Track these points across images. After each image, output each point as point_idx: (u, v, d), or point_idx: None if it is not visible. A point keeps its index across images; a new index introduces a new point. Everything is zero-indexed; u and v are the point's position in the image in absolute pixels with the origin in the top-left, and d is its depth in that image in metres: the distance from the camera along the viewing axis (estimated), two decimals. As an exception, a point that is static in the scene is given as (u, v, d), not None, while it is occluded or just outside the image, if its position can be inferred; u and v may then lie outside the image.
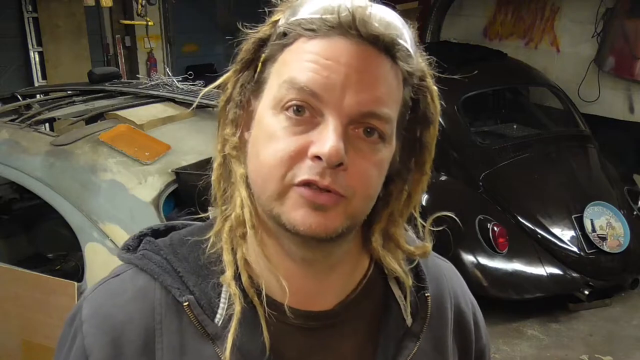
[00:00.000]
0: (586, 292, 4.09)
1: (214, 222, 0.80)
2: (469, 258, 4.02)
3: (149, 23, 5.73)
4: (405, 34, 0.72)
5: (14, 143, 2.69)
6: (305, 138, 0.69)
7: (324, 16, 0.70)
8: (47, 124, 3.61)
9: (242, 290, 0.74)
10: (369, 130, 0.70)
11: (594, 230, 4.19)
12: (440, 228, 0.86)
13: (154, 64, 6.49)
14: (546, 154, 4.65)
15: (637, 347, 3.84)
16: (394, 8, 0.74)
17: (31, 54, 5.78)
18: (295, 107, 0.69)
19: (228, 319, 0.74)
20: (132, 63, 6.49)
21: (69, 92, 3.67)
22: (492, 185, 4.43)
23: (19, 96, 3.79)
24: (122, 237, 2.19)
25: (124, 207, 2.38)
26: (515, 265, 4.08)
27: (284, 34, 0.72)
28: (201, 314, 0.74)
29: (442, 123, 4.63)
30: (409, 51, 0.72)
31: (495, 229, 4.06)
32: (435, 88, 0.78)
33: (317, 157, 0.68)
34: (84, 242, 2.31)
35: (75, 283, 2.21)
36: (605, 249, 4.15)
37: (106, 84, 3.52)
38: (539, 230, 4.19)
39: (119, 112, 2.87)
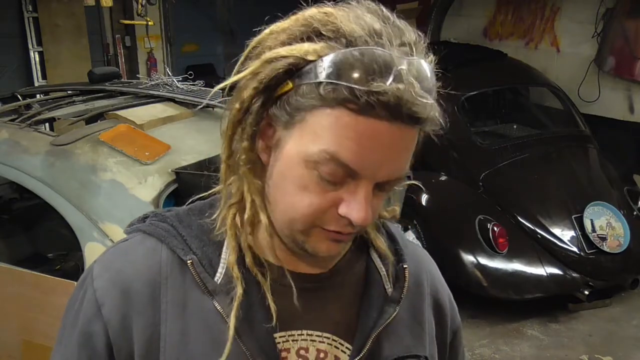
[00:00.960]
0: (586, 292, 4.09)
1: (215, 201, 0.86)
2: (469, 258, 4.02)
3: (149, 23, 5.73)
4: (434, 100, 0.74)
5: (14, 143, 2.69)
6: (337, 195, 0.75)
7: (371, 88, 0.67)
8: (47, 124, 3.61)
9: (246, 268, 0.82)
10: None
11: (594, 230, 4.19)
12: (408, 183, 0.94)
13: (154, 64, 6.49)
14: (546, 154, 4.65)
15: (637, 347, 3.84)
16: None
17: (31, 53, 5.77)
18: (328, 180, 0.74)
19: (227, 279, 0.81)
20: (132, 63, 6.49)
21: (69, 92, 3.66)
22: (492, 185, 4.43)
23: (19, 96, 3.78)
24: (122, 236, 2.19)
25: (124, 207, 2.38)
26: (515, 265, 4.08)
27: (322, 86, 0.70)
28: (203, 272, 0.82)
29: (442, 123, 4.63)
30: (435, 119, 0.76)
31: (495, 229, 4.06)
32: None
33: (348, 218, 0.75)
34: (84, 242, 2.31)
35: (75, 283, 2.20)
36: (605, 249, 4.15)
37: (106, 84, 3.52)
38: (539, 230, 4.19)
39: (119, 112, 2.87)
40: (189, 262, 0.82)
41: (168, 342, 0.81)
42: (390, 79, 0.68)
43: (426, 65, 0.74)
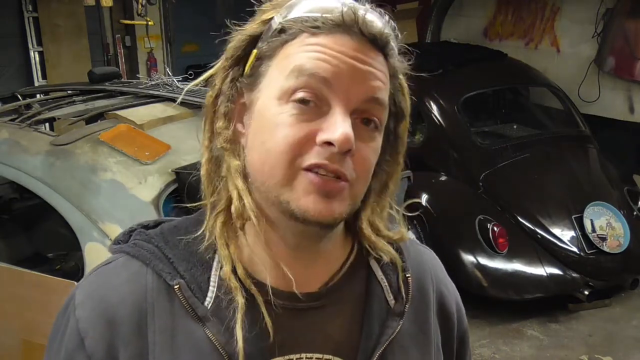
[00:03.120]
0: (586, 293, 4.09)
1: (202, 216, 0.82)
2: (469, 258, 4.02)
3: (149, 23, 5.73)
4: (393, 35, 0.79)
5: (14, 143, 2.69)
6: (313, 126, 0.73)
7: (325, 15, 0.74)
8: (47, 124, 3.60)
9: (240, 282, 0.77)
10: (366, 120, 0.76)
11: (594, 230, 4.19)
12: (415, 213, 0.91)
13: (154, 64, 6.49)
14: (546, 154, 4.65)
15: (637, 347, 3.84)
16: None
17: (31, 53, 5.77)
18: (301, 99, 0.73)
19: (217, 302, 0.77)
20: (132, 63, 6.49)
21: (69, 91, 3.66)
22: (492, 185, 4.43)
23: (19, 96, 3.78)
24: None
25: (124, 207, 2.37)
26: (515, 265, 4.08)
27: (282, 30, 0.76)
28: (191, 297, 0.77)
29: (442, 123, 4.64)
30: (395, 51, 0.79)
31: (495, 229, 4.06)
32: (406, 85, 0.84)
33: (327, 144, 0.72)
34: (84, 242, 2.31)
35: (75, 283, 2.20)
36: (605, 249, 4.15)
37: (106, 84, 3.52)
38: (539, 230, 4.19)
39: (119, 112, 2.87)
40: (175, 287, 0.77)
41: None
42: (341, 3, 0.75)
43: (379, 12, 0.79)
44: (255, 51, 0.77)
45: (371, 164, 0.77)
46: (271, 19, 0.77)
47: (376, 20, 0.76)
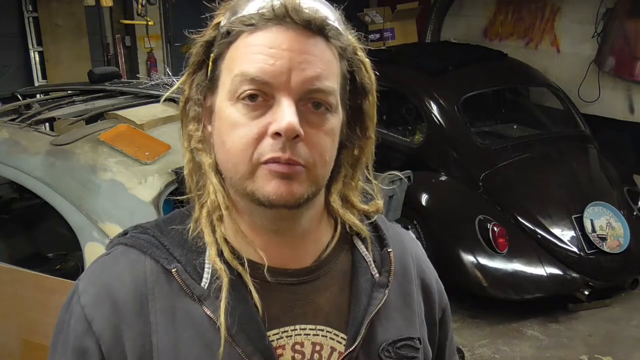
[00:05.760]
0: (586, 293, 4.08)
1: (192, 209, 0.88)
2: (469, 258, 4.02)
3: (149, 23, 5.73)
4: (332, 15, 0.82)
5: (14, 142, 2.69)
6: (263, 120, 0.78)
7: (260, 10, 0.79)
8: (47, 124, 3.60)
9: (226, 263, 0.82)
10: (316, 104, 0.80)
11: (593, 230, 4.19)
12: (395, 179, 0.96)
13: (154, 64, 6.49)
14: (546, 154, 4.65)
15: (637, 347, 3.84)
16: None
17: (31, 53, 5.78)
18: (249, 95, 0.78)
19: (213, 283, 0.82)
20: (132, 63, 6.50)
21: (69, 91, 3.66)
22: (492, 185, 4.43)
23: (19, 96, 3.79)
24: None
25: (124, 207, 2.38)
26: (515, 265, 4.08)
27: (228, 33, 0.81)
28: (188, 279, 0.83)
29: (442, 123, 4.64)
30: (338, 29, 0.82)
31: (495, 229, 4.06)
32: (368, 60, 0.87)
33: (277, 134, 0.77)
34: (84, 242, 2.31)
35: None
36: (605, 249, 4.15)
37: (106, 84, 3.52)
38: (539, 230, 4.19)
39: (119, 112, 2.87)
40: (173, 270, 0.83)
41: (161, 352, 0.81)
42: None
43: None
44: (212, 55, 0.83)
45: (326, 147, 0.81)
46: (219, 23, 0.83)
47: (309, 6, 0.79)
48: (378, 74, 0.88)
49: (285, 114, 0.76)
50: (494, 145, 4.72)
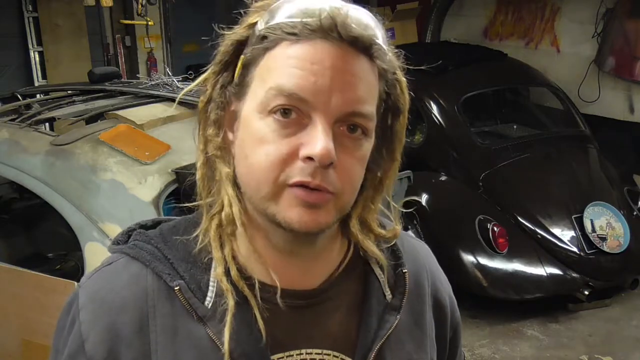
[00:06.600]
0: (586, 293, 4.08)
1: (200, 217, 0.82)
2: (469, 258, 4.02)
3: (149, 23, 5.73)
4: (378, 33, 0.76)
5: (14, 143, 2.69)
6: (295, 140, 0.72)
7: (304, 20, 0.72)
8: (47, 124, 3.60)
9: (232, 284, 0.77)
10: (352, 127, 0.74)
11: (593, 230, 4.19)
12: (410, 209, 0.91)
13: (154, 64, 6.49)
14: (546, 154, 4.65)
15: (637, 347, 3.84)
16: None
17: (31, 53, 5.78)
18: (282, 110, 0.72)
19: (218, 302, 0.78)
20: (132, 63, 6.49)
21: (69, 91, 3.67)
22: (492, 185, 4.43)
23: (19, 96, 3.79)
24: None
25: (124, 207, 2.38)
26: (515, 265, 4.08)
27: (264, 37, 0.74)
28: (192, 297, 0.78)
29: (442, 123, 4.64)
30: (383, 49, 0.76)
31: (495, 229, 4.06)
32: (405, 80, 0.81)
33: (309, 159, 0.71)
34: (84, 242, 2.31)
35: (75, 283, 2.20)
36: (605, 249, 4.14)
37: (106, 84, 3.52)
38: (539, 230, 4.19)
39: (119, 112, 2.87)
40: (176, 288, 0.78)
41: None
42: (323, 5, 0.72)
43: (363, 11, 0.76)
44: (242, 57, 0.77)
45: (356, 174, 0.76)
46: (255, 23, 0.76)
47: (359, 21, 0.73)
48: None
49: (321, 138, 0.70)
50: (494, 145, 4.72)
